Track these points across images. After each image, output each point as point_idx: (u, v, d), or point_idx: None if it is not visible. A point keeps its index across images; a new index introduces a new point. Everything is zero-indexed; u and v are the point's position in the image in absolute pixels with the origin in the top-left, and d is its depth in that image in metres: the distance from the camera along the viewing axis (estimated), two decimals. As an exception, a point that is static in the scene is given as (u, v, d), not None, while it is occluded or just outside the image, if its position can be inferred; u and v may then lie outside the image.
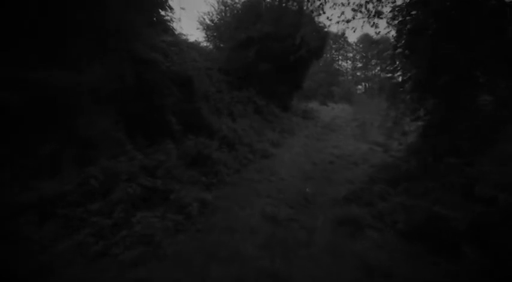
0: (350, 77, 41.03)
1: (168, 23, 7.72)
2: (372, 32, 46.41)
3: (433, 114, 5.40)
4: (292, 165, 7.06)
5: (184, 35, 10.54)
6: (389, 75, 6.65)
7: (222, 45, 14.30)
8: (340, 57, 41.52)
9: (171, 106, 5.76)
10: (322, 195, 5.02)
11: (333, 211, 4.25)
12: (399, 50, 5.88)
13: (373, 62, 39.47)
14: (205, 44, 14.86)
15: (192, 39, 12.50)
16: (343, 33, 38.95)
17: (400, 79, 6.21)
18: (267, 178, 5.79)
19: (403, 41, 5.75)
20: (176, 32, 9.21)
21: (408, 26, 5.58)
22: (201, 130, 6.44)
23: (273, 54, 12.13)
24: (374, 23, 6.45)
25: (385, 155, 7.97)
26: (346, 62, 42.06)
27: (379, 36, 7.29)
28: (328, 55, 39.17)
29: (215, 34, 14.90)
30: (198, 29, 15.04)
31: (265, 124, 10.59)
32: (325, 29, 12.80)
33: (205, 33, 15.32)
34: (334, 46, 39.71)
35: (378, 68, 38.80)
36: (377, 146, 9.82)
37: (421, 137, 5.62)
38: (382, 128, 13.03)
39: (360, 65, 41.33)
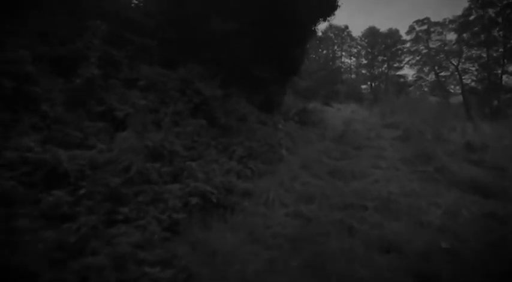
0: (354, 76, 36.85)
1: None
2: (378, 24, 41.07)
3: None
4: None
5: None
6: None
7: None
8: (343, 53, 37.20)
9: None
10: None
11: None
12: None
13: (380, 58, 35.12)
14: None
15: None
16: (347, 26, 34.45)
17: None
18: None
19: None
20: None
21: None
22: None
23: (242, 1, 6.20)
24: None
25: None
26: (350, 59, 38.11)
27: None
28: (330, 51, 35.12)
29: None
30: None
31: (212, 139, 4.61)
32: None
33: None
34: (336, 41, 35.73)
35: (385, 66, 34.31)
36: (485, 197, 3.86)
37: None
38: (445, 142, 7.10)
39: (365, 61, 36.68)
